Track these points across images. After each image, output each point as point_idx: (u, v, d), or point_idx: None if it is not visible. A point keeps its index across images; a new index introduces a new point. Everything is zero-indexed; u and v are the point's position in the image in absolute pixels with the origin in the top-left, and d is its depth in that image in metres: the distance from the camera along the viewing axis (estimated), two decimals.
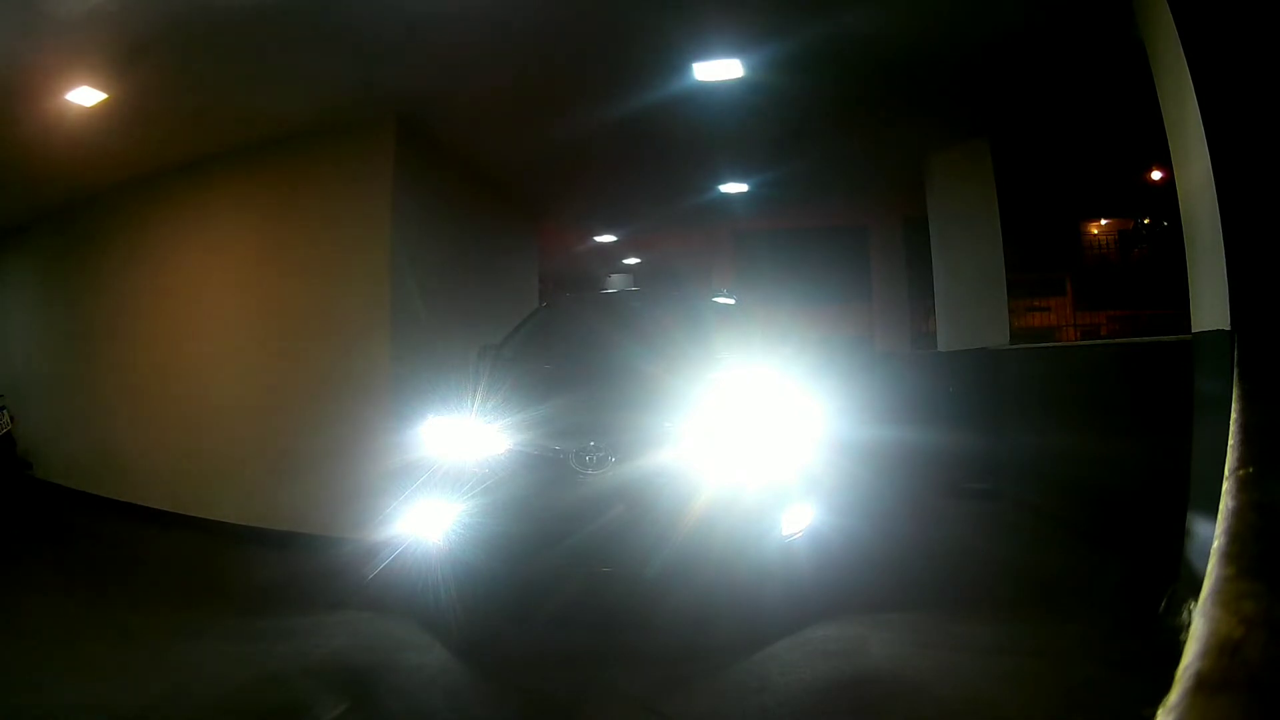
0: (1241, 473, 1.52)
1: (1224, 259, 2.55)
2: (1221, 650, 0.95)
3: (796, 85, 4.73)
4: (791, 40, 4.11)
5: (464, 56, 4.19)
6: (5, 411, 6.91)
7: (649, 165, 6.78)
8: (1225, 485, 1.51)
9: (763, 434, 3.29)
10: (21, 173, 5.52)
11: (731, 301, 5.00)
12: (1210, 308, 2.69)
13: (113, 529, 5.47)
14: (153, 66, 3.95)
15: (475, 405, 3.46)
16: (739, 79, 4.59)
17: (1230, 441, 1.76)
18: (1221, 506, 1.41)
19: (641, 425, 3.21)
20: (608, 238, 10.39)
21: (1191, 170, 2.80)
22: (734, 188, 7.63)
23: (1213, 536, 1.32)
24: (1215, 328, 2.63)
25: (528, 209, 8.18)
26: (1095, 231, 15.00)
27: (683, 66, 4.45)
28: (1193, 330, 2.86)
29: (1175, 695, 0.92)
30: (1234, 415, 1.91)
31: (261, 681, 2.74)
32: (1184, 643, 1.03)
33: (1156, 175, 9.74)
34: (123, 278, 6.17)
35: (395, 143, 4.91)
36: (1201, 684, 0.91)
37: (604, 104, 4.98)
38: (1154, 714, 0.94)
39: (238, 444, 5.28)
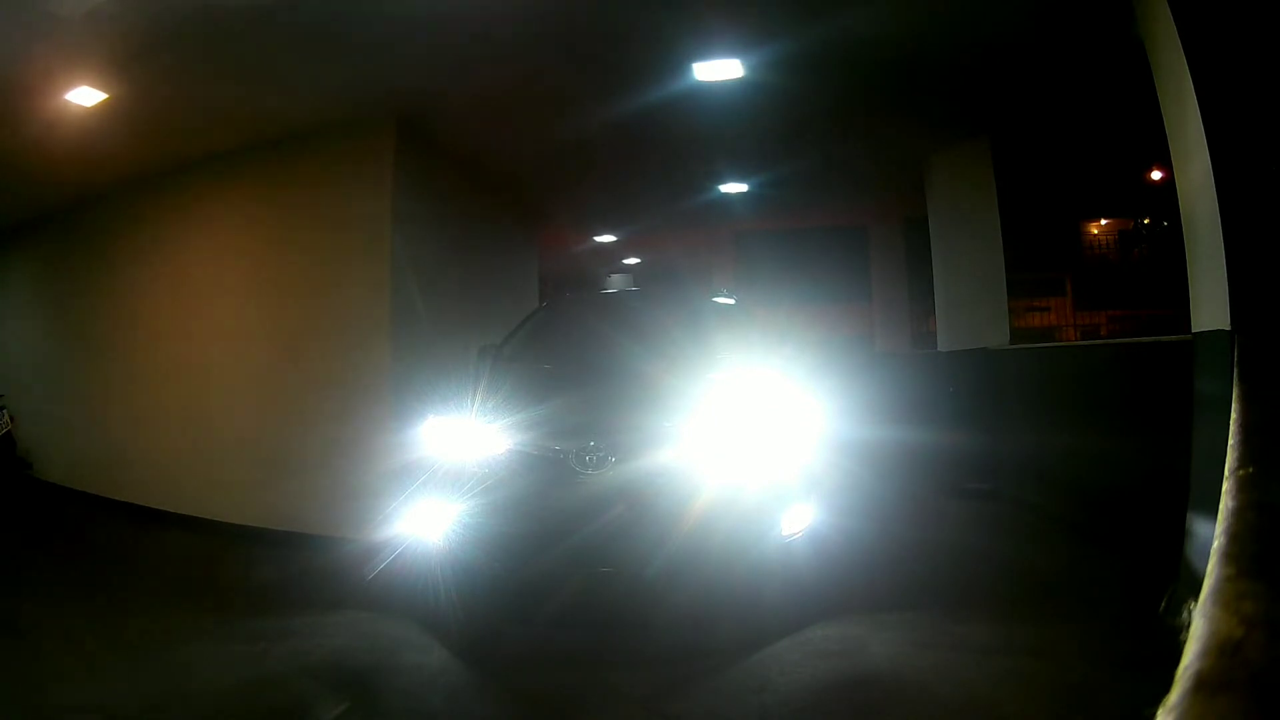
0: (1241, 473, 1.52)
1: (1224, 259, 2.55)
2: (1221, 650, 0.95)
3: (796, 85, 4.73)
4: (791, 40, 4.11)
5: (464, 56, 4.19)
6: (5, 411, 6.92)
7: (649, 165, 6.77)
8: (1225, 485, 1.51)
9: (763, 434, 3.28)
10: (21, 173, 5.52)
11: (731, 301, 4.99)
12: (1210, 308, 2.69)
13: (112, 529, 5.47)
14: (153, 66, 3.95)
15: (475, 405, 3.46)
16: (739, 79, 4.59)
17: (1230, 441, 1.76)
18: (1221, 506, 1.41)
19: (641, 425, 3.21)
20: (608, 238, 10.38)
21: (1191, 170, 2.79)
22: (734, 188, 7.63)
23: (1213, 536, 1.32)
24: (1215, 328, 2.63)
25: (528, 209, 8.18)
26: (1095, 231, 15.01)
27: (683, 66, 4.44)
28: (1193, 330, 2.86)
29: (1175, 695, 0.92)
30: (1234, 415, 1.92)
31: (261, 681, 2.74)
32: (1184, 643, 1.03)
33: (1156, 175, 9.75)
34: (122, 278, 6.18)
35: (395, 143, 4.91)
36: (1201, 684, 0.91)
37: (604, 104, 4.97)
38: (1154, 714, 0.94)
39: (238, 444, 5.28)
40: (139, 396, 5.98)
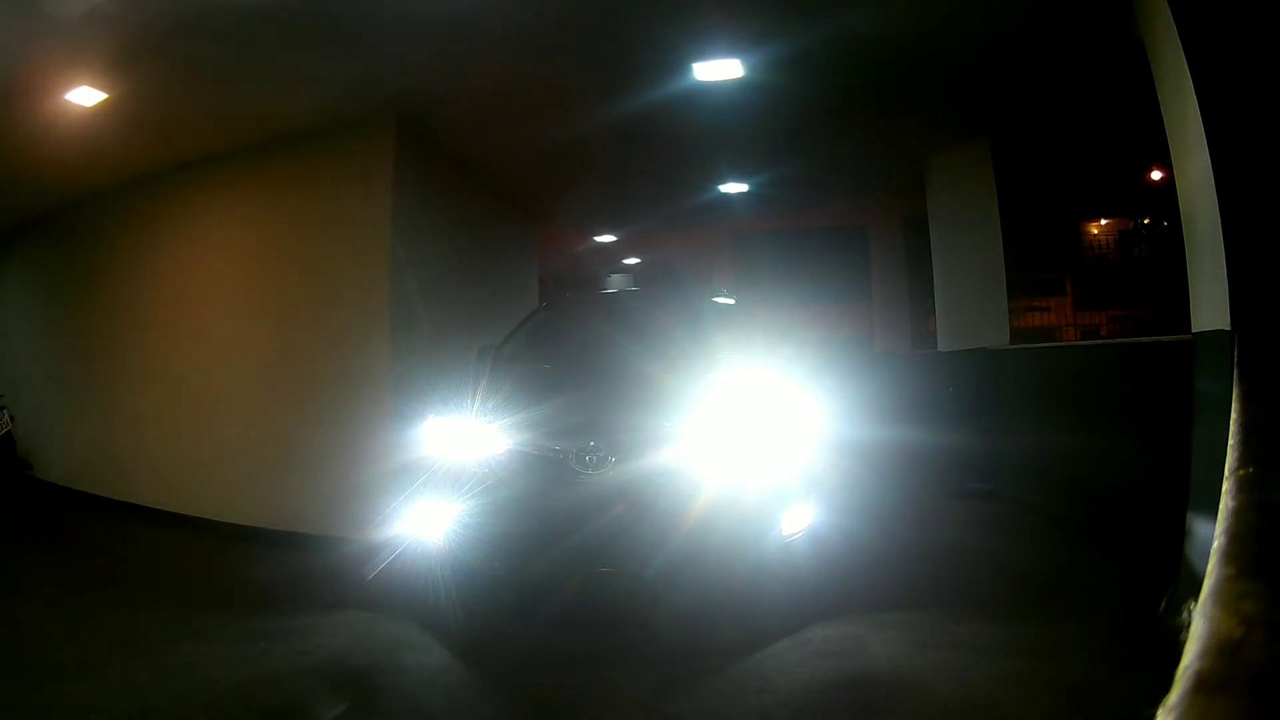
0: (1241, 473, 1.52)
1: (1224, 259, 2.55)
2: (1221, 650, 0.95)
3: (796, 85, 4.73)
4: (791, 40, 4.11)
5: (464, 56, 4.19)
6: (5, 411, 6.91)
7: (649, 165, 6.77)
8: (1225, 485, 1.51)
9: (763, 434, 3.29)
10: (21, 173, 5.52)
11: (731, 301, 4.99)
12: (1210, 308, 2.69)
13: (112, 529, 5.46)
14: (153, 66, 3.95)
15: (475, 405, 3.46)
16: (739, 79, 4.59)
17: (1230, 441, 1.76)
18: (1221, 506, 1.41)
19: (641, 425, 3.21)
20: (608, 238, 10.38)
21: (1191, 170, 2.80)
22: (734, 188, 7.63)
23: (1213, 536, 1.32)
24: (1215, 328, 2.63)
25: (528, 209, 8.18)
26: (1095, 231, 14.99)
27: (683, 66, 4.44)
28: (1193, 330, 2.86)
29: (1175, 695, 0.92)
30: (1234, 415, 1.92)
31: (261, 682, 2.74)
32: (1184, 643, 1.03)
33: (1156, 175, 9.74)
34: (123, 278, 6.17)
35: (395, 143, 4.91)
36: (1201, 684, 0.91)
37: (604, 104, 4.97)
38: (1154, 714, 0.94)
39: (238, 444, 5.28)
40: (139, 397, 5.97)
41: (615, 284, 5.27)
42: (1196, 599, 1.20)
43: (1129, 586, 3.13)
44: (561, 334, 4.46)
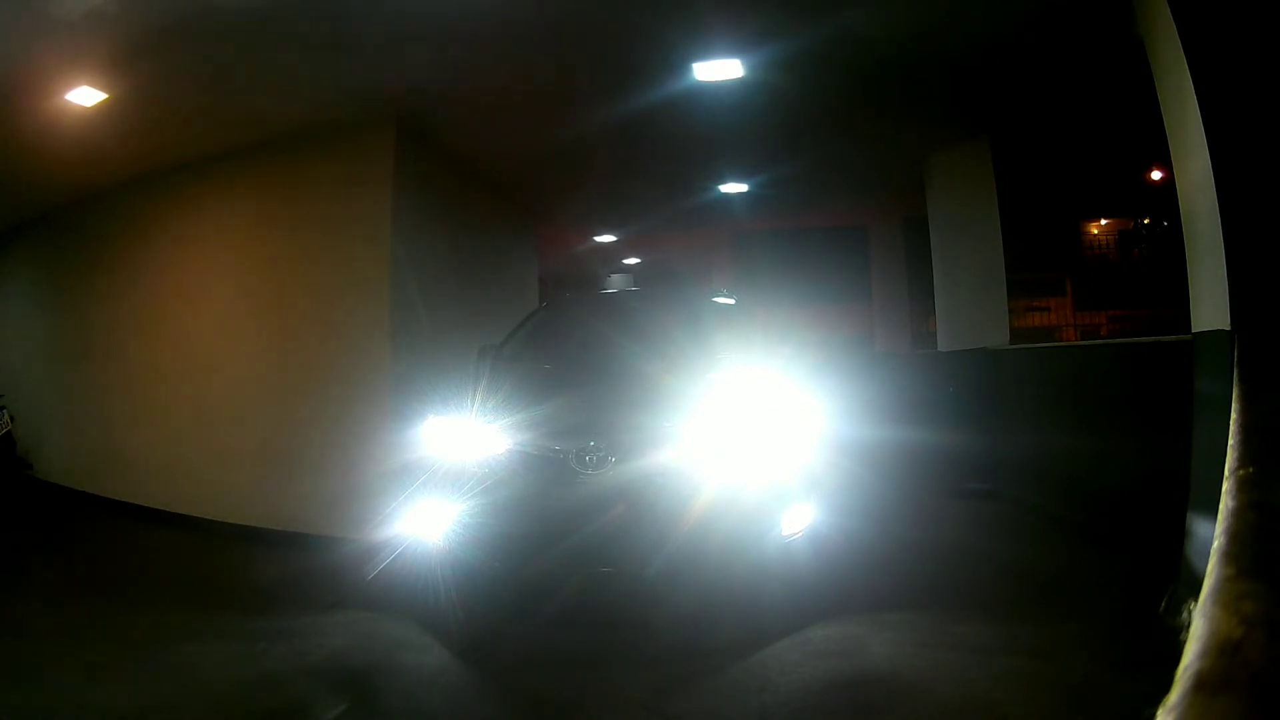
0: (1241, 473, 1.52)
1: (1224, 259, 2.55)
2: (1221, 650, 0.95)
3: (796, 85, 4.73)
4: (791, 40, 4.11)
5: (464, 56, 4.19)
6: (5, 411, 6.91)
7: (649, 165, 6.78)
8: (1225, 485, 1.52)
9: (763, 434, 3.29)
10: (21, 173, 5.51)
11: (731, 301, 5.00)
12: (1210, 308, 2.69)
13: (112, 529, 5.47)
14: (153, 66, 3.95)
15: (475, 405, 3.46)
16: (739, 79, 4.59)
17: (1230, 441, 1.76)
18: (1221, 506, 1.41)
19: (641, 425, 3.21)
20: (608, 238, 10.39)
21: (1191, 170, 2.80)
22: (734, 188, 7.63)
23: (1213, 536, 1.32)
24: (1215, 328, 2.63)
25: (528, 209, 8.18)
26: (1095, 231, 14.99)
27: (683, 66, 4.45)
28: (1193, 330, 2.86)
29: (1175, 695, 0.92)
30: (1234, 415, 1.92)
31: (261, 682, 2.74)
32: (1184, 643, 1.03)
33: (1156, 175, 9.74)
34: (122, 278, 6.17)
35: (395, 143, 4.91)
36: (1201, 684, 0.91)
37: (604, 104, 4.98)
38: (1154, 714, 0.94)
39: (238, 444, 5.28)
40: (139, 396, 5.97)
41: (615, 284, 5.27)
42: (1196, 599, 1.20)
43: (1129, 586, 3.13)
44: (561, 334, 4.46)
